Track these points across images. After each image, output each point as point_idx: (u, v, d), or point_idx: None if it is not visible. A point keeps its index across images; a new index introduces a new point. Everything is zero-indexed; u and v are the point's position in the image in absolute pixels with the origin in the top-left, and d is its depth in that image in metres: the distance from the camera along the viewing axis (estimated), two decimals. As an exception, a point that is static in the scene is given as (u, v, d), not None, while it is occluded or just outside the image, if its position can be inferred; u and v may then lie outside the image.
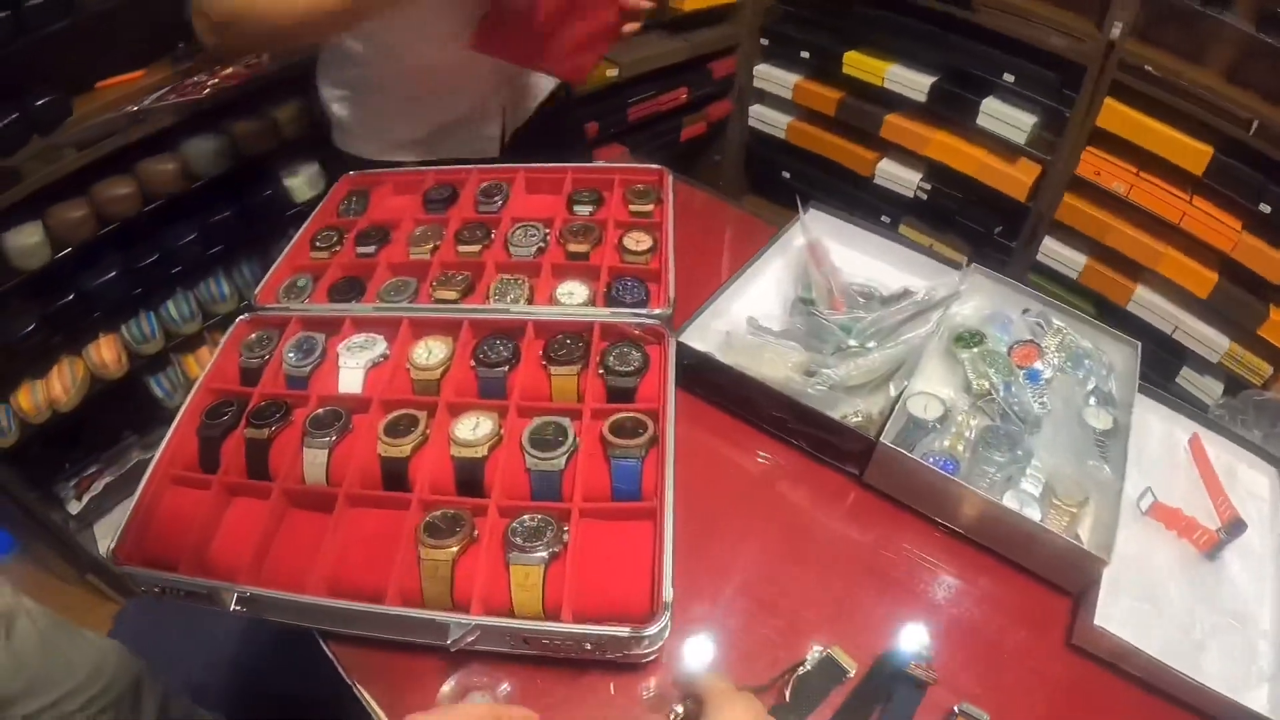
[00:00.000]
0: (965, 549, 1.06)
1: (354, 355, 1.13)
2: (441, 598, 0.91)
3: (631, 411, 1.04)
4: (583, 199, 1.39)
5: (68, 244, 1.79)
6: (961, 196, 2.76)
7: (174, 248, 1.95)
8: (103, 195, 1.81)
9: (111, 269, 1.89)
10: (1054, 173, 2.48)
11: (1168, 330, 2.40)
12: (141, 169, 1.85)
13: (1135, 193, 2.28)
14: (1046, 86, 2.38)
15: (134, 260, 1.92)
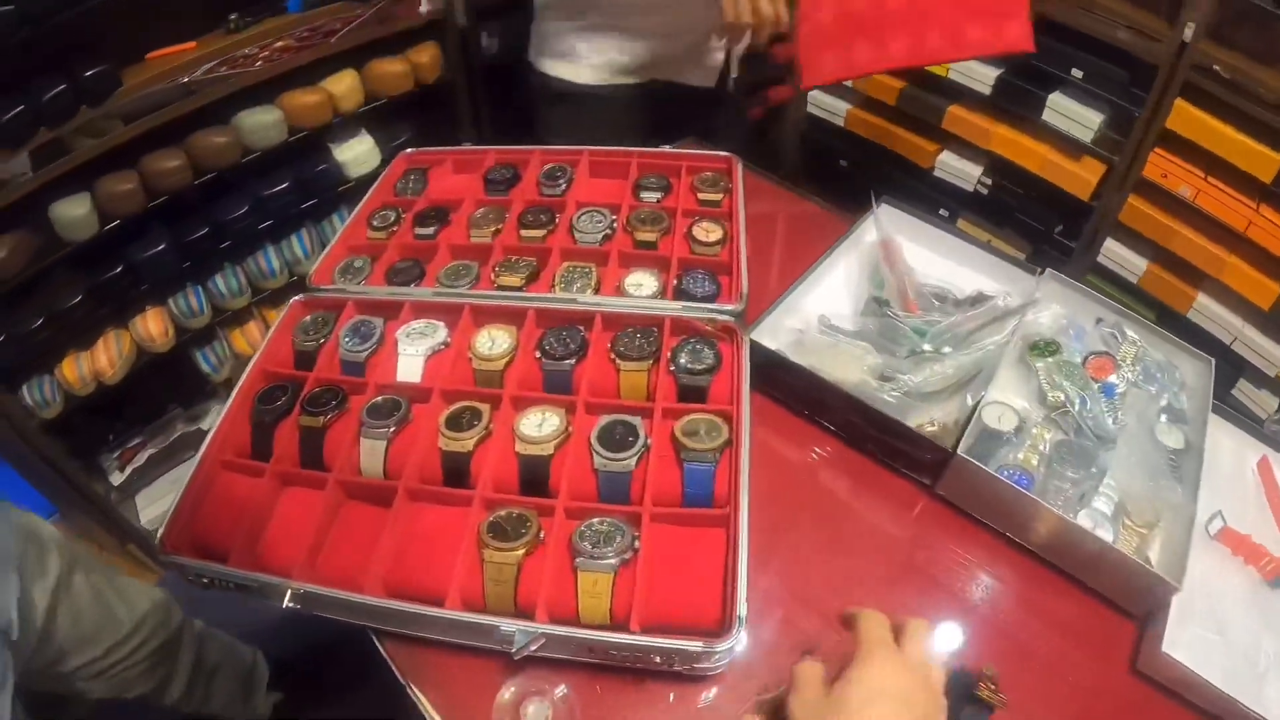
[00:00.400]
0: (1032, 565, 1.01)
1: (413, 342, 1.09)
2: (504, 602, 0.87)
3: (704, 413, 0.99)
4: (650, 185, 1.33)
5: (116, 216, 1.77)
6: (1023, 193, 2.67)
7: (224, 222, 1.93)
8: (152, 168, 1.78)
9: (160, 242, 1.86)
10: (1119, 173, 2.39)
11: (1227, 341, 2.32)
12: (192, 142, 1.83)
13: (1201, 198, 2.20)
14: (1116, 84, 2.30)
15: (183, 234, 1.90)
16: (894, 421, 1.05)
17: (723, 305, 1.10)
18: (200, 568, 0.89)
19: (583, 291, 1.14)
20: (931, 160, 2.80)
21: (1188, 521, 0.95)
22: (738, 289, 1.13)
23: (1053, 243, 2.67)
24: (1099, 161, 2.45)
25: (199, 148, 1.83)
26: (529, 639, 0.81)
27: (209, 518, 0.96)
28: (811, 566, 1.00)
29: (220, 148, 1.85)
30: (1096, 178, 2.44)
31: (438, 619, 0.84)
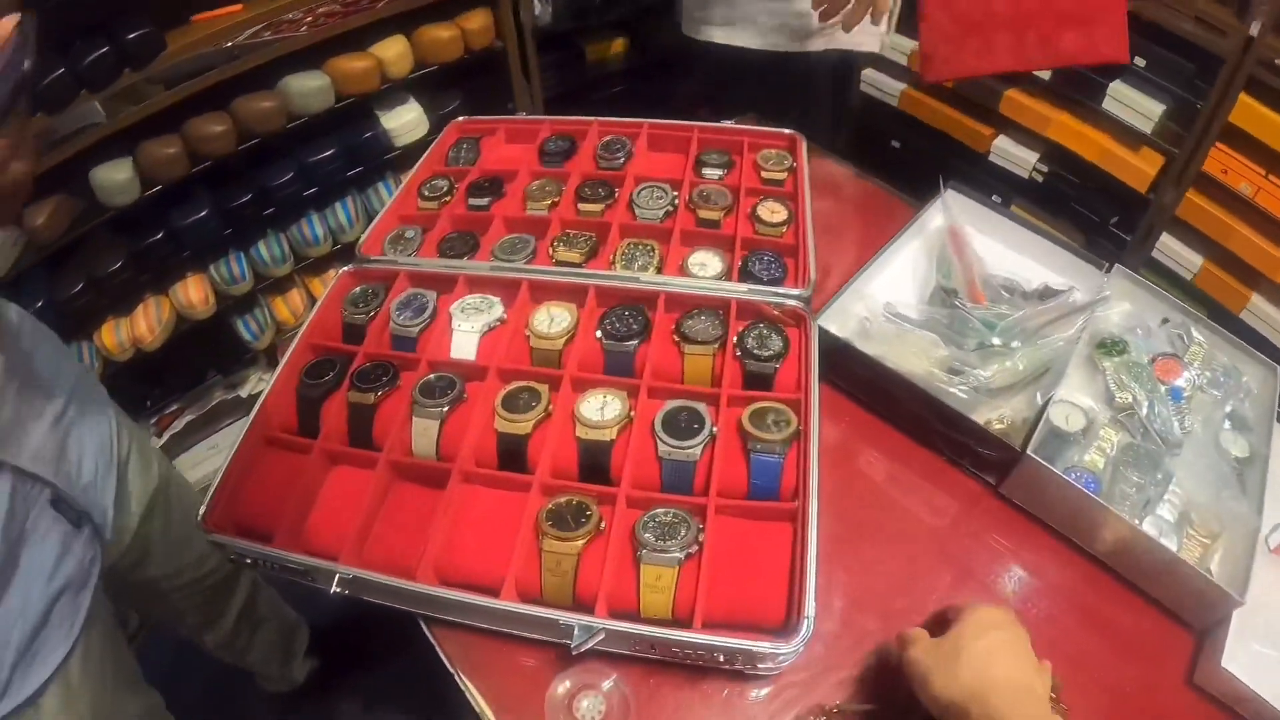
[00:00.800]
0: (1092, 570, 0.98)
1: (468, 318, 1.05)
2: (563, 593, 0.83)
3: (772, 401, 0.94)
4: (711, 161, 1.28)
5: (158, 181, 1.74)
6: (1079, 182, 2.59)
7: (268, 189, 1.88)
8: (196, 133, 1.74)
9: (202, 208, 1.82)
10: (1178, 166, 2.33)
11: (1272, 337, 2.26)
12: (237, 107, 1.78)
13: (1262, 195, 2.14)
14: (1180, 75, 2.22)
15: (226, 200, 1.86)
16: (964, 418, 1.00)
17: (790, 289, 1.05)
18: (244, 548, 0.85)
19: (645, 270, 1.09)
20: (987, 145, 2.70)
21: (1252, 534, 0.92)
22: (805, 273, 1.08)
23: (1107, 235, 2.59)
24: (1158, 154, 2.38)
25: (244, 113, 1.78)
26: (589, 635, 0.77)
27: (253, 495, 0.92)
28: (872, 564, 0.97)
29: (265, 113, 1.80)
30: (1155, 170, 2.37)
31: (494, 610, 0.80)
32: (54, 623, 0.91)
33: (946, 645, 0.75)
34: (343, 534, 0.86)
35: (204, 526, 0.87)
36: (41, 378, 0.98)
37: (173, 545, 1.24)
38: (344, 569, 0.82)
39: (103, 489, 1.04)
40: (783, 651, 0.77)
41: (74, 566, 0.94)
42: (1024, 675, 0.72)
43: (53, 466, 0.93)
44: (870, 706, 0.84)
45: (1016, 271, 1.24)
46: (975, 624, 0.75)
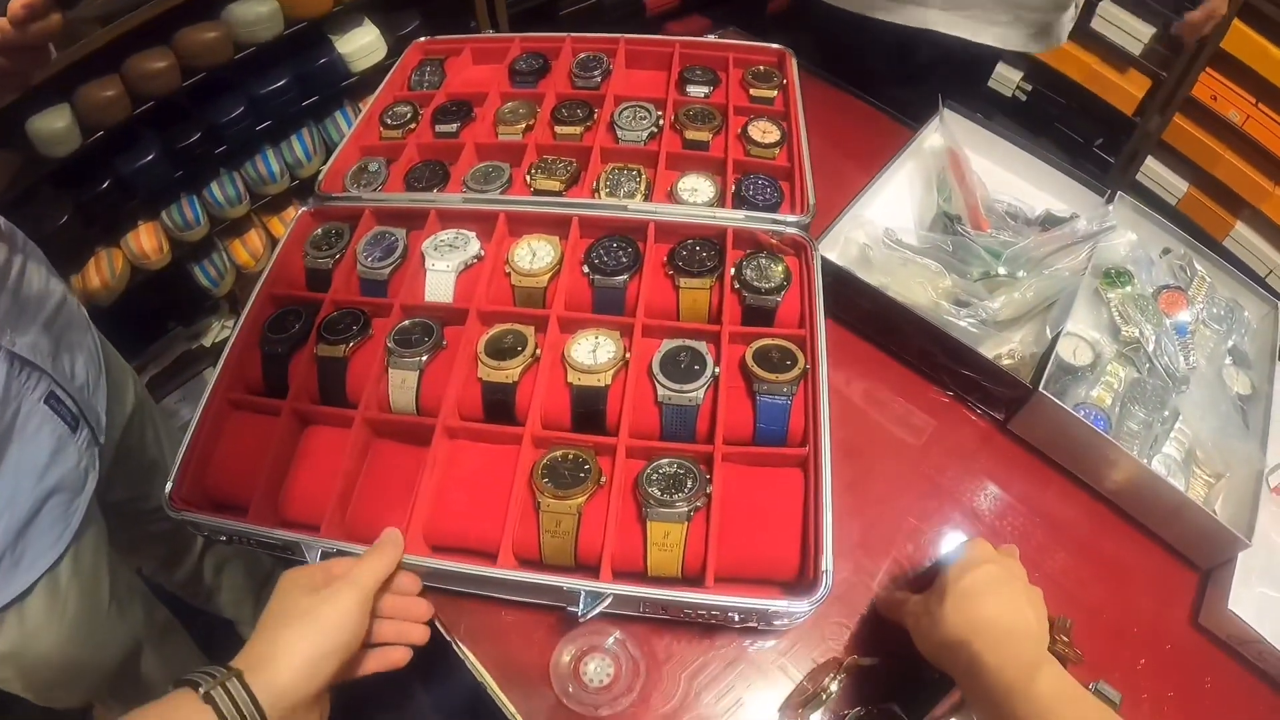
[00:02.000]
0: (1099, 508, 0.96)
1: (442, 256, 0.96)
2: (563, 555, 0.77)
3: (776, 338, 0.87)
4: (696, 78, 1.18)
5: (100, 127, 1.61)
6: (1064, 103, 2.59)
7: (218, 125, 1.76)
8: (136, 70, 1.61)
9: (149, 151, 1.70)
10: (1166, 90, 2.33)
11: (1262, 273, 2.31)
12: (179, 39, 1.65)
13: (1251, 124, 2.16)
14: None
15: (174, 140, 1.74)
16: (975, 353, 0.97)
17: (789, 215, 0.97)
18: (216, 525, 0.78)
19: (631, 197, 1.01)
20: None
21: (1257, 475, 0.90)
22: (804, 198, 1.00)
23: (1090, 156, 2.60)
24: (1146, 76, 2.37)
25: (187, 45, 1.65)
26: (597, 601, 0.71)
27: (222, 465, 0.85)
28: (882, 506, 0.93)
29: (210, 44, 1.67)
30: (1142, 92, 2.37)
31: (493, 579, 0.74)
32: (43, 525, 0.89)
33: (934, 590, 0.73)
34: (322, 501, 0.79)
35: (172, 505, 0.79)
36: (33, 282, 0.96)
37: (144, 467, 1.20)
38: (326, 542, 0.75)
39: (94, 392, 1.02)
40: (800, 610, 0.72)
41: (68, 469, 0.92)
42: (1013, 613, 0.68)
43: (49, 360, 0.92)
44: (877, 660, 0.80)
45: (1016, 195, 1.19)
46: (960, 564, 0.72)
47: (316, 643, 0.62)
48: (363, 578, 0.68)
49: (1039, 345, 0.99)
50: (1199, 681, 0.85)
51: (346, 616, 0.64)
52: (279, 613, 0.64)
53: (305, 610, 0.64)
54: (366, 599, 0.67)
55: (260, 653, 0.61)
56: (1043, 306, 1.03)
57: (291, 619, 0.63)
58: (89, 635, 1.01)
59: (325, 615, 0.64)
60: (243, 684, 0.57)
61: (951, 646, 0.68)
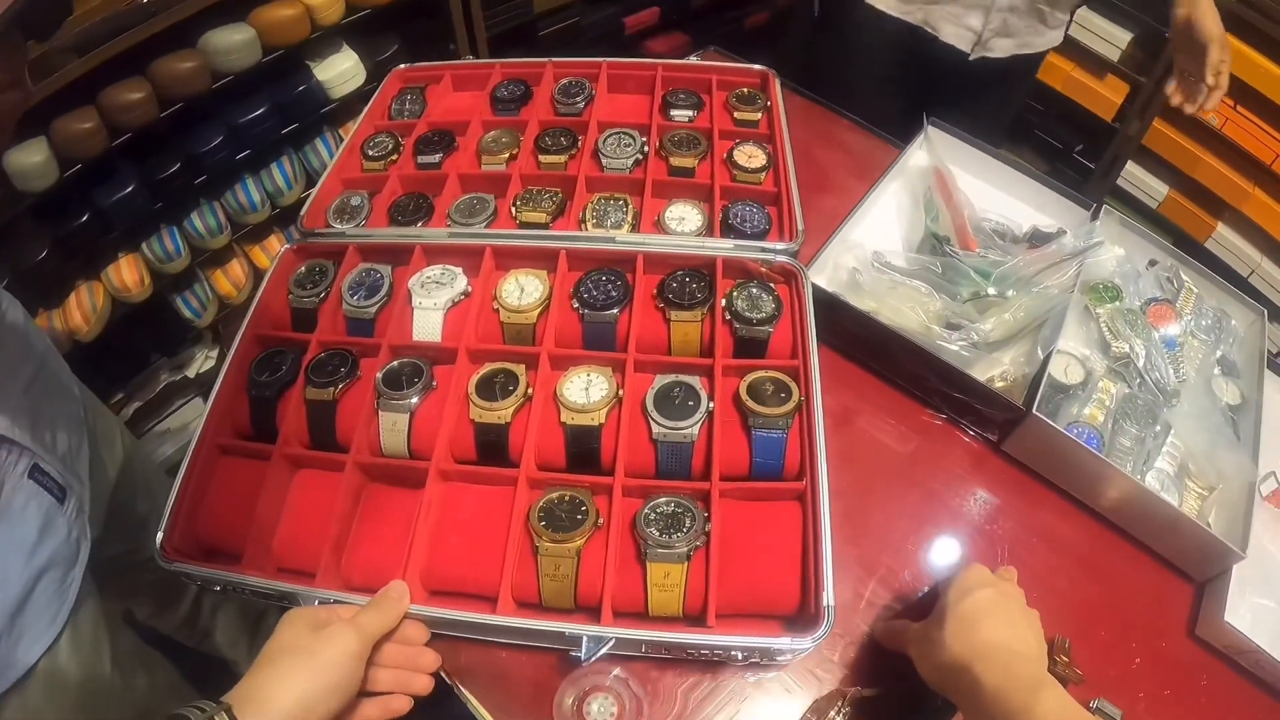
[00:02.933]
0: (1095, 525, 0.97)
1: (429, 293, 0.95)
2: (564, 597, 0.76)
3: (771, 370, 0.87)
4: (680, 102, 1.18)
5: (77, 160, 1.58)
6: (1043, 110, 2.61)
7: (197, 155, 1.74)
8: (113, 102, 1.58)
9: (128, 183, 1.67)
10: (1145, 95, 2.34)
11: (1244, 274, 2.32)
12: (155, 70, 1.62)
13: (1229, 127, 2.18)
14: (1148, 2, 2.21)
15: (153, 172, 1.71)
16: (968, 378, 0.96)
17: (777, 243, 0.97)
18: (209, 575, 0.77)
19: (619, 228, 1.00)
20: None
21: (1249, 486, 0.91)
22: (792, 224, 0.99)
23: (1071, 163, 2.62)
24: (1124, 82, 2.39)
25: (164, 76, 1.63)
26: (599, 646, 0.70)
27: (213, 512, 0.83)
28: (878, 532, 0.93)
29: (187, 74, 1.64)
30: (1121, 98, 2.39)
31: (494, 625, 0.73)
32: (38, 604, 0.85)
33: (934, 616, 0.73)
34: (317, 547, 0.78)
35: (164, 555, 0.78)
36: (10, 344, 0.92)
37: (136, 520, 1.17)
38: (322, 592, 0.75)
39: (78, 459, 0.97)
40: (802, 647, 0.71)
41: (59, 544, 0.88)
42: (1012, 635, 0.68)
43: (29, 433, 0.87)
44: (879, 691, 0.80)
45: (1002, 212, 1.20)
46: (958, 588, 0.72)
47: (312, 681, 0.62)
48: (366, 625, 0.68)
49: (1030, 365, 0.99)
50: (1198, 693, 0.86)
51: (345, 658, 0.65)
52: (279, 648, 0.64)
53: (305, 647, 0.64)
54: (366, 645, 0.67)
55: (253, 688, 0.61)
56: (1033, 326, 1.03)
57: (290, 654, 0.64)
58: (93, 709, 0.98)
59: (324, 654, 0.64)
60: (231, 718, 0.58)
61: (953, 671, 0.68)
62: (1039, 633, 0.71)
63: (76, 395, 1.04)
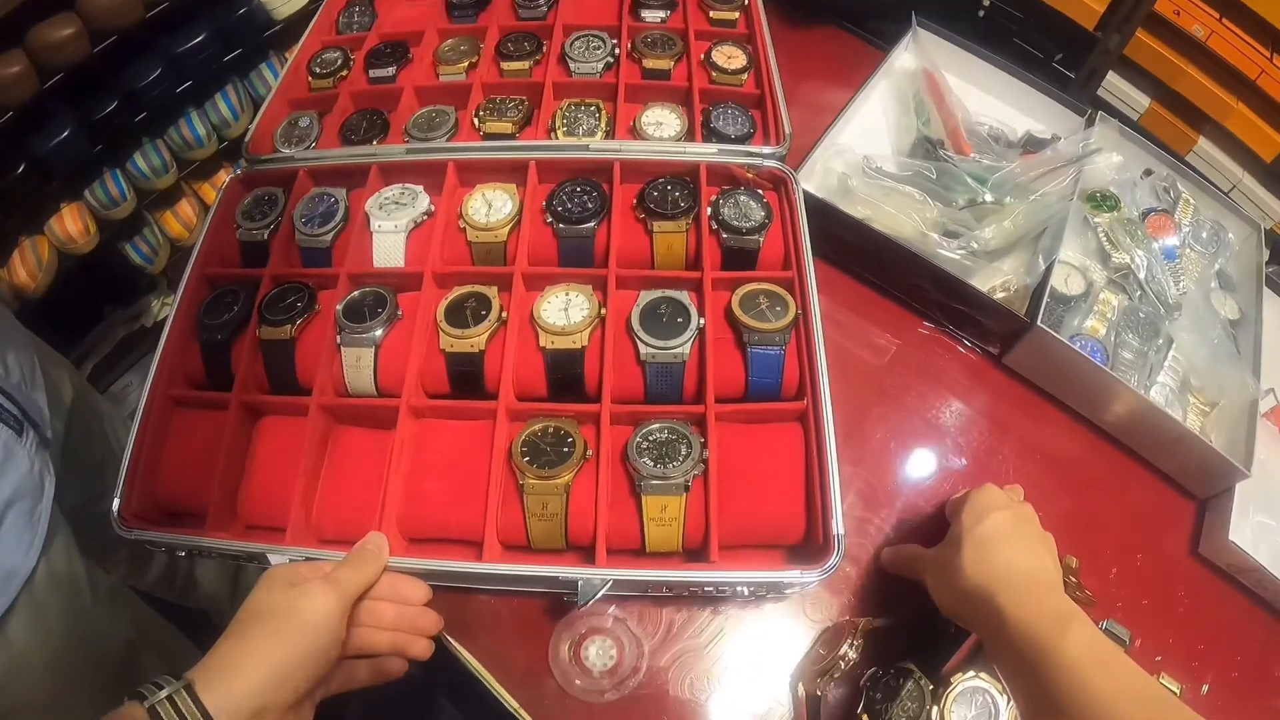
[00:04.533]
0: (1097, 441, 0.94)
1: (389, 214, 0.87)
2: (553, 538, 0.70)
3: (763, 282, 0.80)
4: (651, 3, 1.09)
5: (8, 107, 1.47)
6: (1023, 17, 2.48)
7: (135, 91, 1.62)
8: (41, 41, 1.47)
9: (64, 127, 1.56)
10: (1128, 5, 2.22)
11: (1225, 189, 2.19)
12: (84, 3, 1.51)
13: (1215, 40, 2.05)
14: None
15: (89, 112, 1.60)
16: (969, 287, 0.91)
17: (763, 147, 0.89)
18: (173, 541, 0.71)
19: (592, 135, 0.92)
20: None
21: (1252, 404, 0.89)
22: (778, 127, 0.92)
23: (1050, 72, 2.50)
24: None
25: (93, 8, 1.51)
26: (596, 589, 0.64)
27: (171, 471, 0.76)
28: (879, 453, 0.89)
29: (118, 4, 1.52)
30: (1103, 7, 2.25)
31: (481, 573, 0.68)
32: (8, 539, 0.81)
33: (949, 541, 0.70)
34: (285, 500, 0.71)
35: (122, 523, 0.72)
36: None
37: (93, 466, 1.11)
38: (294, 550, 0.68)
39: (33, 388, 0.92)
40: (811, 579, 0.66)
41: (21, 476, 0.83)
42: (1033, 559, 0.66)
43: None
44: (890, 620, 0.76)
45: (994, 116, 1.15)
46: (971, 510, 0.69)
47: (286, 649, 0.57)
48: (343, 582, 0.62)
49: (1031, 276, 0.94)
50: (1202, 611, 0.84)
51: (322, 619, 0.59)
52: (250, 613, 0.60)
53: (281, 609, 0.59)
54: (346, 604, 0.61)
55: (221, 659, 0.56)
56: (1032, 234, 0.98)
57: (261, 620, 0.59)
58: (79, 644, 0.94)
59: (299, 616, 0.59)
60: (192, 696, 0.53)
61: (974, 600, 0.63)
62: (1055, 554, 0.68)
63: (19, 330, 0.99)
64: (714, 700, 0.73)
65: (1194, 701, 0.78)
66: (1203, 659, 0.81)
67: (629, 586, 0.69)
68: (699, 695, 0.73)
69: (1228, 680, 0.80)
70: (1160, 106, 2.33)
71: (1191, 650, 0.81)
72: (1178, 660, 0.80)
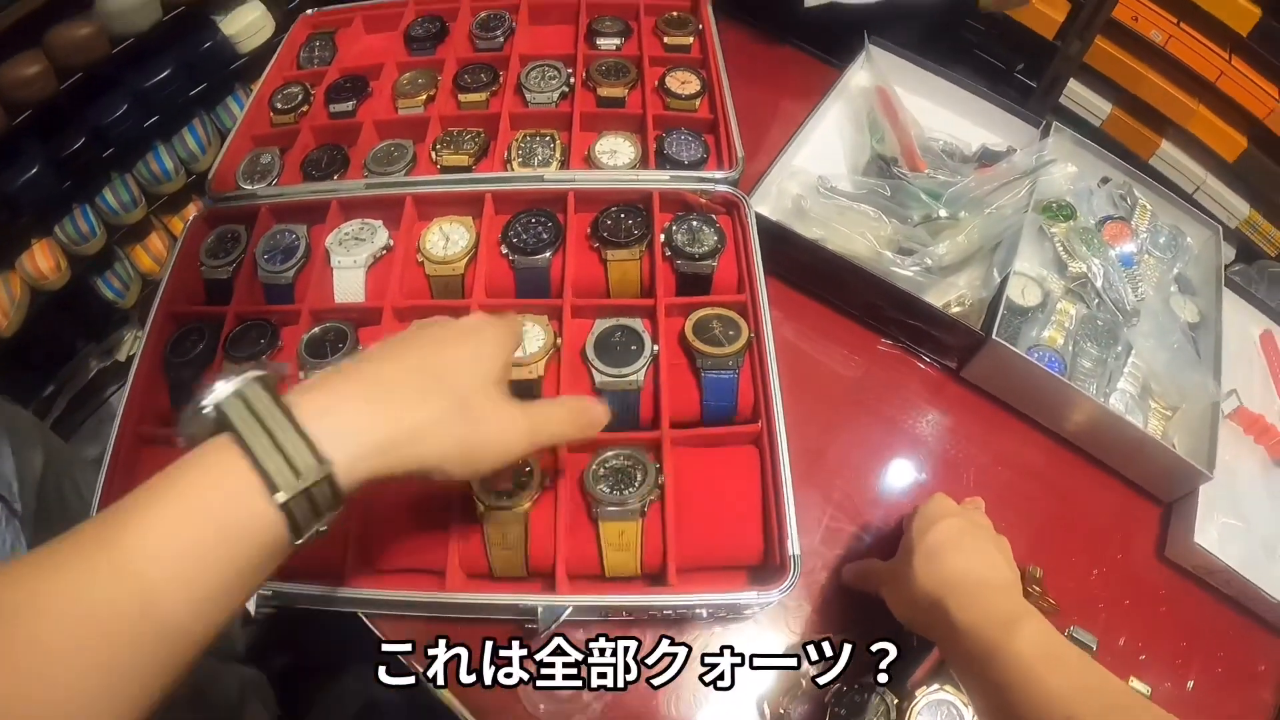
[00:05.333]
0: (1059, 450, 0.95)
1: (349, 250, 0.88)
2: (514, 567, 0.71)
3: (716, 307, 0.82)
4: (605, 30, 1.11)
5: (-25, 145, 1.49)
6: (983, 29, 2.53)
7: (102, 126, 1.64)
8: (8, 79, 1.47)
9: (32, 164, 1.57)
10: (1087, 12, 2.27)
11: (1189, 190, 2.30)
12: (50, 40, 1.51)
13: (1173, 44, 2.14)
14: None
15: (57, 149, 1.61)
16: (923, 303, 0.93)
17: (716, 172, 0.92)
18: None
19: (547, 165, 0.94)
20: None
21: (1213, 406, 0.90)
22: (731, 151, 0.94)
23: (1012, 81, 2.55)
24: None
25: (59, 45, 1.52)
26: (556, 616, 0.66)
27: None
28: (839, 469, 0.90)
29: (84, 41, 1.53)
30: (1062, 15, 2.31)
31: (445, 602, 0.69)
32: None
33: (901, 552, 0.70)
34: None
35: None
36: None
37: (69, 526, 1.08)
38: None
39: (1, 458, 0.92)
40: (769, 599, 0.67)
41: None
42: (983, 564, 0.65)
43: None
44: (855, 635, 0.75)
45: (949, 131, 1.15)
46: (921, 520, 0.69)
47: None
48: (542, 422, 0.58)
49: (987, 289, 0.95)
50: (1169, 614, 0.85)
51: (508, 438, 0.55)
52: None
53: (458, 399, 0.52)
54: (534, 442, 0.57)
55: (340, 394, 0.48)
56: (988, 247, 0.99)
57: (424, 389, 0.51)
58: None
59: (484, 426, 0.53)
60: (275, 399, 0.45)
61: (924, 608, 0.64)
62: (1010, 558, 0.68)
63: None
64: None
65: (1181, 697, 0.80)
66: (1185, 655, 0.82)
67: (589, 611, 0.70)
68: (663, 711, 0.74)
69: (1212, 675, 0.81)
70: (1122, 112, 2.37)
71: (1174, 648, 0.82)
72: (1160, 660, 0.81)
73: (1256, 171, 2.16)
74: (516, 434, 0.54)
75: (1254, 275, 1.77)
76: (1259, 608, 0.84)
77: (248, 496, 0.42)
